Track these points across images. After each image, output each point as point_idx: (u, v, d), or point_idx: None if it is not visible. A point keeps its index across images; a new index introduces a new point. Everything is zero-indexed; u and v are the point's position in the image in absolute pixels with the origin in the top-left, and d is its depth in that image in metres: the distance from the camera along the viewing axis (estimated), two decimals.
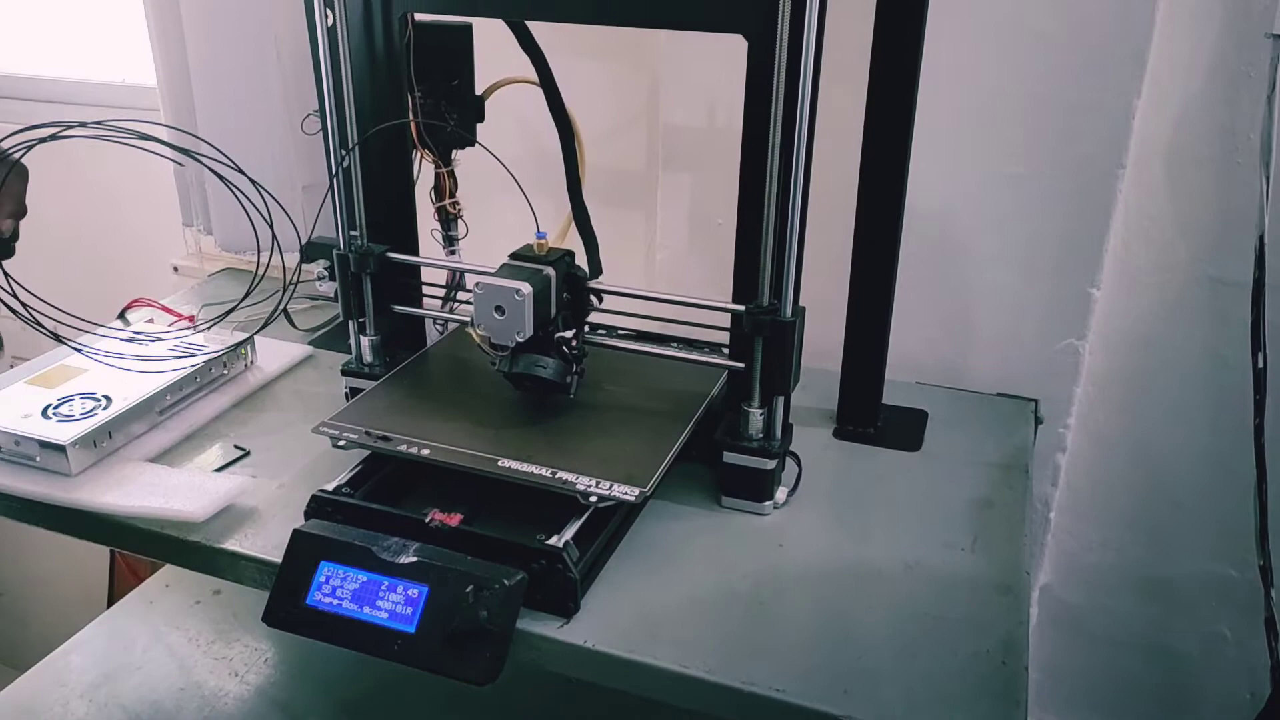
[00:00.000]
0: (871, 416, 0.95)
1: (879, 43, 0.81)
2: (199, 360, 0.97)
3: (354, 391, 0.93)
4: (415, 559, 0.70)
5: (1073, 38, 0.94)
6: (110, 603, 1.63)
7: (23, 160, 0.73)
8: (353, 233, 0.90)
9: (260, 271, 0.90)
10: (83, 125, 0.74)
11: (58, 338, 0.81)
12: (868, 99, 0.83)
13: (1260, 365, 1.00)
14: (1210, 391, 1.06)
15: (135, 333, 1.00)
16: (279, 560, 0.73)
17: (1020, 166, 0.99)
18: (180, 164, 1.24)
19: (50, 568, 1.91)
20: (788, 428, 0.84)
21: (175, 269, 1.45)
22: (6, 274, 0.76)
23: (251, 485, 0.84)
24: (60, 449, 0.82)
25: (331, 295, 0.94)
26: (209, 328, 1.02)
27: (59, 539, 0.85)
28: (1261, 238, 0.96)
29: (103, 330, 0.96)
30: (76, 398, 0.89)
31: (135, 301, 1.15)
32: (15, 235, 0.73)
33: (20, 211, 0.72)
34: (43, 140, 0.73)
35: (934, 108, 0.86)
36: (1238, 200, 0.97)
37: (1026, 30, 0.95)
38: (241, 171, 0.82)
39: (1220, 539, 1.09)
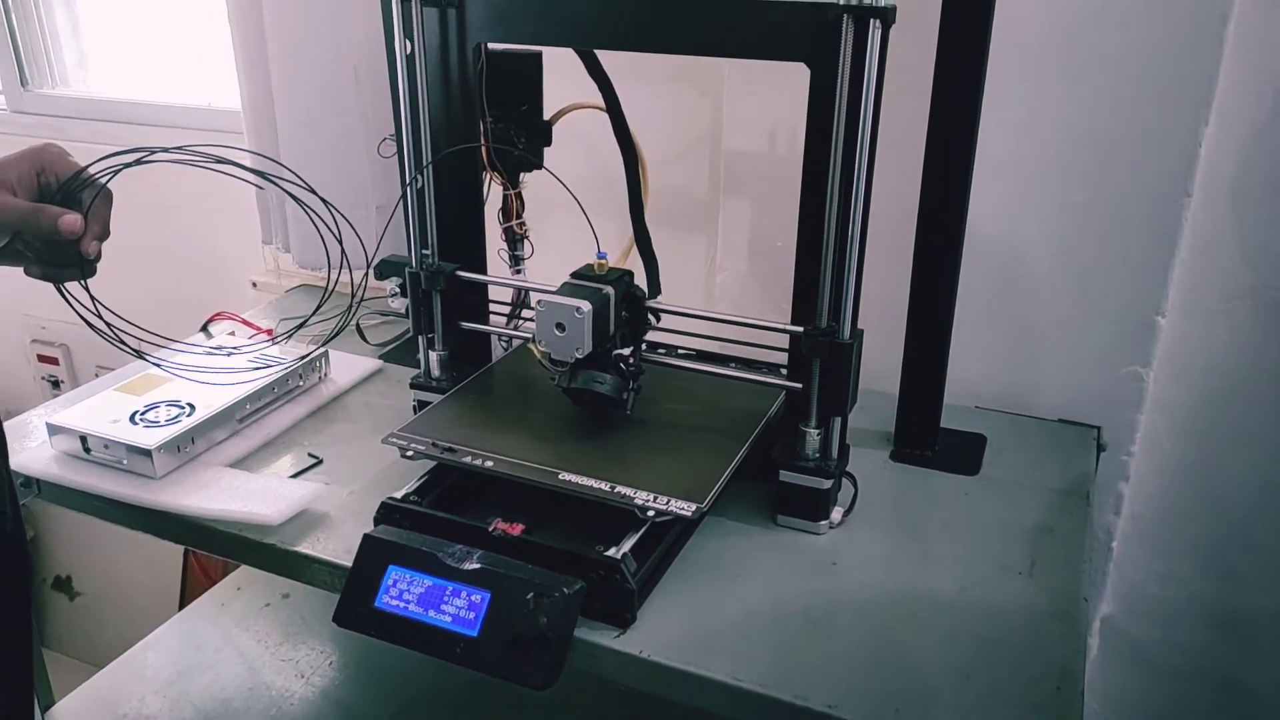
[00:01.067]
0: (930, 439, 0.96)
1: (941, 71, 0.82)
2: (275, 372, 1.01)
3: (422, 404, 0.97)
4: (479, 565, 0.72)
5: (1140, 65, 0.93)
6: (182, 604, 1.69)
7: (109, 185, 0.78)
8: (424, 251, 0.93)
9: (330, 287, 0.94)
10: (165, 150, 0.78)
11: (139, 354, 0.86)
12: (929, 125, 0.84)
13: None
14: (1277, 422, 1.03)
15: (213, 348, 1.05)
16: (349, 564, 0.76)
17: (1084, 194, 0.99)
18: (261, 187, 1.30)
19: (126, 570, 1.99)
20: (844, 448, 0.85)
21: (254, 285, 1.50)
22: (90, 293, 0.81)
23: (324, 492, 0.88)
24: (146, 453, 0.87)
25: (403, 311, 0.97)
26: (286, 338, 1.07)
27: (135, 542, 0.90)
28: None
29: (178, 345, 1.01)
30: (162, 405, 0.94)
31: (217, 315, 1.21)
32: (99, 256, 0.77)
33: (105, 234, 0.77)
34: (128, 165, 0.78)
35: (997, 134, 0.87)
36: None
37: (1093, 57, 0.95)
38: (313, 191, 0.85)
39: None
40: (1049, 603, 0.76)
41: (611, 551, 0.71)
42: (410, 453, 0.82)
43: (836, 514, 0.84)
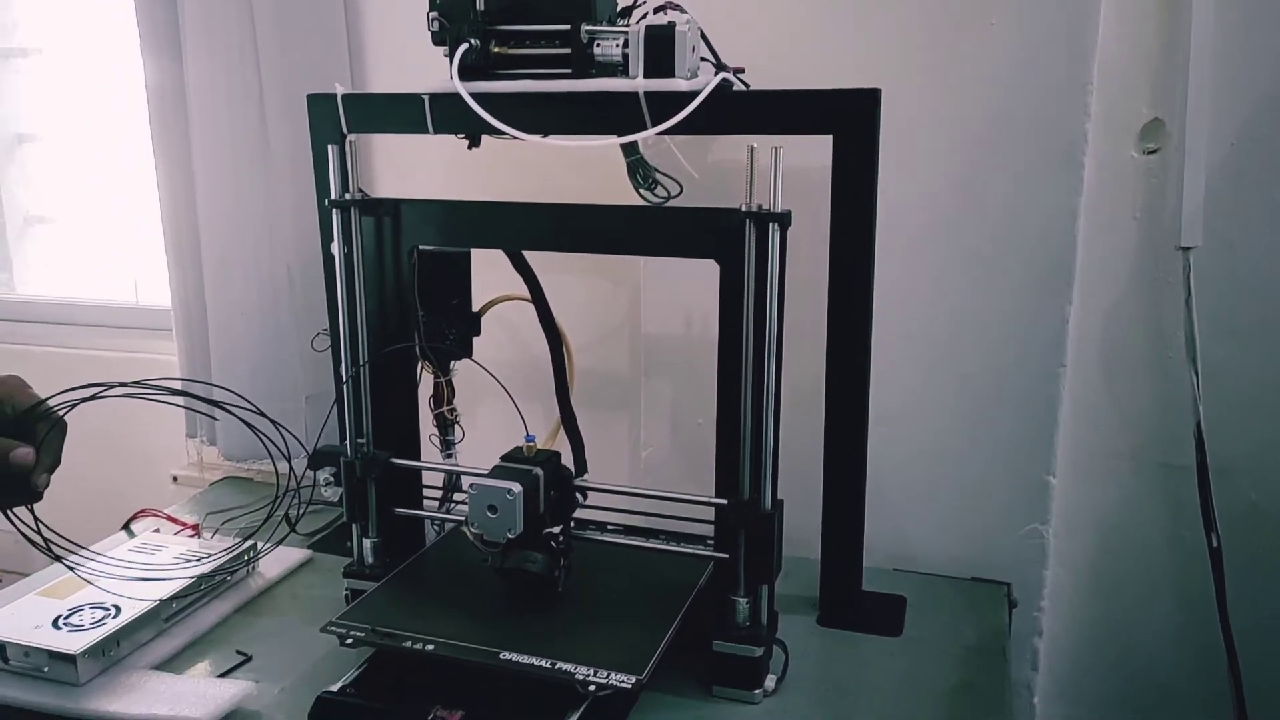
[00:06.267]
0: (853, 604, 0.99)
1: (835, 268, 0.91)
2: (208, 566, 1.00)
3: (355, 593, 0.97)
4: None
5: (1006, 254, 1.05)
6: None
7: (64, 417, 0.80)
8: (359, 440, 0.96)
9: (282, 490, 0.95)
10: (123, 385, 0.81)
11: (73, 569, 0.86)
12: (829, 315, 0.92)
13: (1214, 545, 1.06)
14: (1174, 572, 1.11)
15: (137, 546, 1.03)
16: None
17: (970, 367, 1.09)
18: (215, 418, 1.31)
19: None
20: (773, 615, 0.88)
21: (175, 479, 1.49)
22: (37, 519, 0.81)
23: (254, 689, 0.86)
24: (70, 659, 0.85)
25: (336, 500, 0.99)
26: (239, 544, 1.05)
27: None
28: (1199, 425, 1.05)
29: (108, 555, 1.00)
30: (86, 607, 0.92)
31: (140, 512, 1.20)
32: (47, 485, 0.79)
33: (56, 464, 0.79)
34: (84, 400, 0.80)
35: (888, 318, 0.95)
36: (1173, 392, 1.06)
37: (964, 250, 1.06)
38: (267, 417, 0.88)
39: (1205, 715, 1.11)
40: None
41: None
42: (349, 640, 0.82)
43: (770, 682, 0.86)
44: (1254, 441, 1.06)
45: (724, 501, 0.85)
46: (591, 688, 0.75)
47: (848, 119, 0.87)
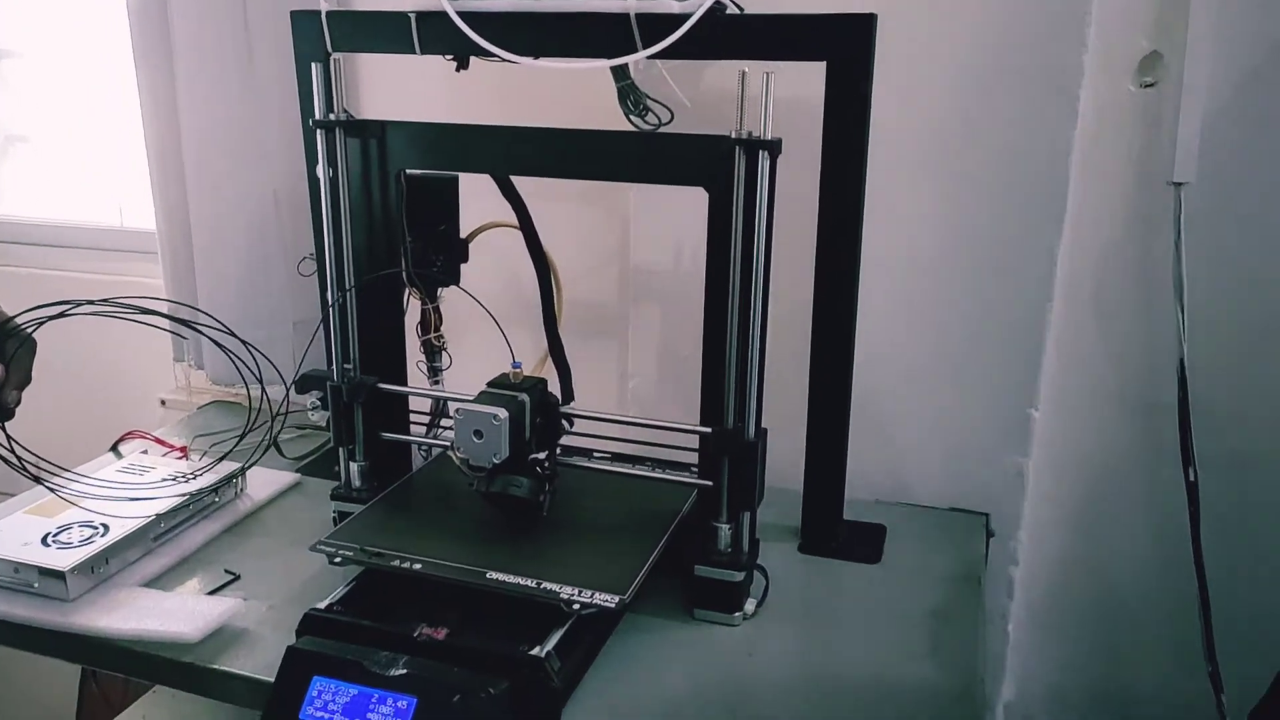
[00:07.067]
0: (833, 532, 1.01)
1: (825, 198, 0.91)
2: (192, 489, 1.01)
3: (343, 515, 0.98)
4: (404, 671, 0.73)
5: (998, 187, 1.05)
6: None
7: (33, 335, 0.79)
8: (346, 365, 0.96)
9: (254, 410, 0.95)
10: (90, 303, 0.81)
11: (54, 490, 0.86)
12: (818, 243, 0.92)
13: (1191, 480, 1.07)
14: (1151, 508, 1.12)
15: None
16: (271, 679, 0.76)
17: (959, 300, 1.09)
18: (184, 337, 1.31)
19: (14, 699, 1.87)
20: (755, 542, 0.90)
21: (163, 402, 1.49)
22: (9, 436, 0.81)
23: (243, 607, 0.88)
24: (59, 575, 0.86)
25: (323, 424, 0.99)
26: (215, 463, 1.06)
27: (22, 671, 0.87)
28: (1182, 363, 1.05)
29: (93, 476, 1.00)
30: (75, 525, 0.93)
31: (128, 434, 1.20)
32: (18, 403, 0.79)
33: (26, 382, 0.79)
34: (52, 318, 0.80)
35: (877, 249, 0.95)
36: (1160, 330, 1.07)
37: (956, 182, 1.05)
38: (235, 335, 0.88)
39: (1173, 648, 1.14)
40: (950, 684, 0.81)
41: (536, 650, 0.74)
42: (338, 559, 0.83)
43: (750, 606, 0.88)
44: (1236, 381, 1.06)
45: (708, 430, 0.86)
46: (576, 606, 0.76)
47: (842, 44, 0.85)
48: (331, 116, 0.91)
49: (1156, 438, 1.10)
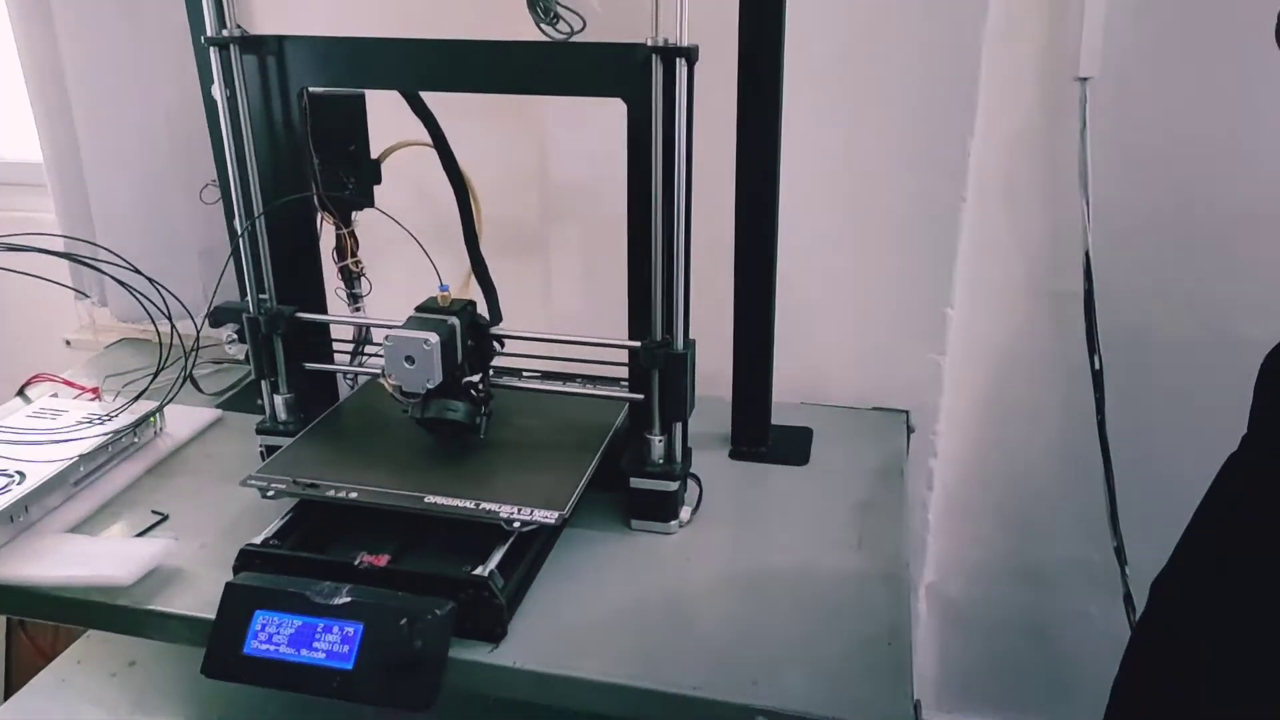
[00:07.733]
0: (762, 437, 1.04)
1: (742, 104, 0.90)
2: (109, 430, 0.98)
3: (270, 450, 0.96)
4: (349, 599, 0.74)
5: (908, 84, 1.05)
6: (10, 686, 1.57)
7: None
8: (261, 295, 0.93)
9: (165, 346, 0.92)
10: None
11: None
12: (737, 152, 0.92)
13: (1097, 367, 1.12)
14: (1059, 394, 1.18)
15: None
16: (211, 616, 0.76)
17: (875, 202, 1.10)
18: (84, 262, 1.24)
19: None
20: (687, 452, 0.91)
21: (68, 342, 1.43)
22: None
23: (175, 547, 0.86)
24: None
25: (241, 358, 0.97)
26: (130, 403, 1.03)
27: None
28: (1087, 253, 1.09)
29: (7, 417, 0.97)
30: None
31: (35, 377, 1.15)
32: None
33: None
34: None
35: (793, 153, 0.95)
36: (1066, 221, 1.10)
37: (868, 82, 1.06)
38: (143, 274, 0.84)
39: (1081, 525, 1.21)
40: (877, 570, 0.85)
41: (479, 570, 0.75)
42: (271, 492, 0.82)
43: (685, 513, 0.91)
44: (1138, 268, 1.11)
45: (638, 344, 0.87)
46: (516, 524, 0.77)
47: None
48: (225, 33, 0.86)
49: (1063, 325, 1.14)
